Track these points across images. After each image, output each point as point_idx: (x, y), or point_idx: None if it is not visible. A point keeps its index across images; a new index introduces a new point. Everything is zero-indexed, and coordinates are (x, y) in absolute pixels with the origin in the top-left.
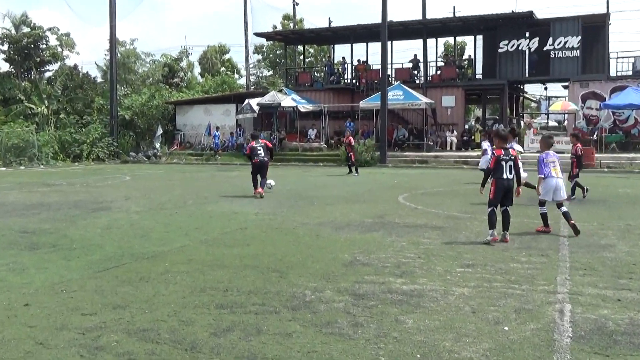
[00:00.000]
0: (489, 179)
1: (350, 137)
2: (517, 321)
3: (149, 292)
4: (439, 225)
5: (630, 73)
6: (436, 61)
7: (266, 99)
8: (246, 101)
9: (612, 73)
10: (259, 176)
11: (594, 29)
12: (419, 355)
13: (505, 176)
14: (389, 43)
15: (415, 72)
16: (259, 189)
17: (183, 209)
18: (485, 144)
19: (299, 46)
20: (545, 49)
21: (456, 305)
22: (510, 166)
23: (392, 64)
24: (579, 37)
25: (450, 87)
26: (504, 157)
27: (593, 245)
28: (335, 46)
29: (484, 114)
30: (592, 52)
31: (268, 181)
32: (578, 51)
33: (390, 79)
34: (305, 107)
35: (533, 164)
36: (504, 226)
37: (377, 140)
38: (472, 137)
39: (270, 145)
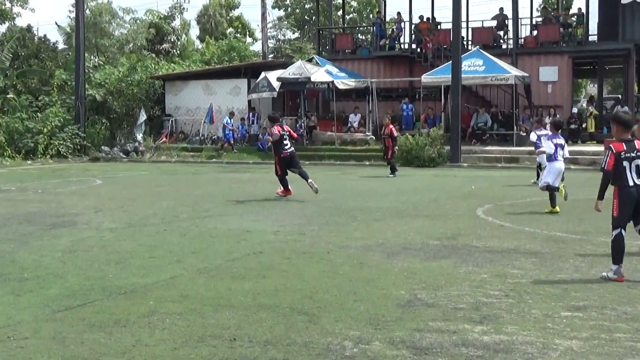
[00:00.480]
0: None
1: (391, 126)
2: None
3: (127, 341)
4: (535, 251)
5: None
6: (531, 18)
7: (290, 72)
8: (263, 75)
9: None
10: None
11: None
12: None
13: (632, 182)
14: None
15: (502, 33)
16: (291, 190)
17: (174, 226)
18: (535, 135)
19: None
20: None
21: None
22: (637, 166)
23: (467, 22)
24: None
25: (552, 53)
26: (628, 155)
27: None
28: None
29: (600, 93)
30: None
31: None
32: None
33: (465, 43)
34: (345, 82)
35: None
36: None
37: (446, 129)
38: (584, 125)
39: (296, 136)
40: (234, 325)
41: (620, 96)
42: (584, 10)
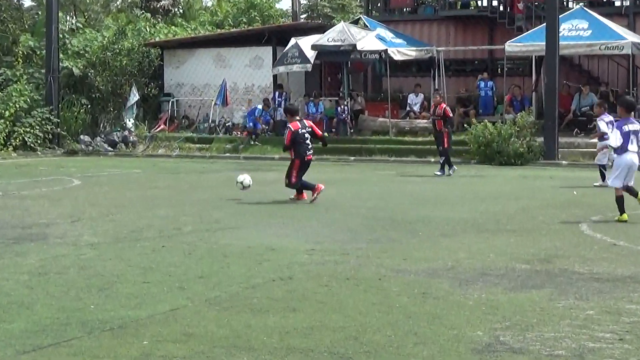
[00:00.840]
0: None
1: (444, 104)
2: None
3: None
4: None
5: None
6: None
7: (330, 38)
8: (293, 41)
9: None
10: None
11: None
12: None
13: None
14: None
15: None
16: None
17: (175, 241)
18: (604, 123)
19: None
20: None
21: None
22: None
23: None
24: None
25: None
26: None
27: None
28: None
29: None
30: None
31: (240, 177)
32: None
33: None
34: (402, 52)
35: None
36: None
37: (538, 115)
38: None
39: (319, 132)
40: None
41: None
42: None
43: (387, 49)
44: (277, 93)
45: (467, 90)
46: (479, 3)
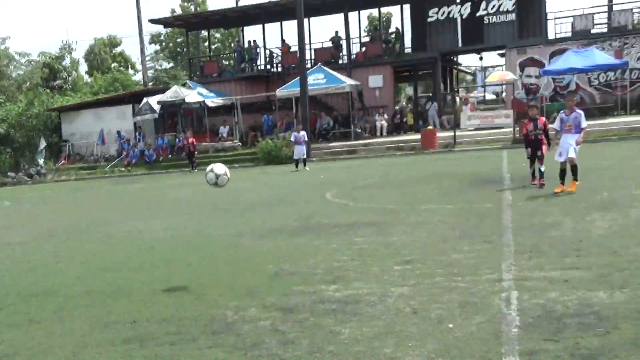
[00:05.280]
0: None
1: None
2: (461, 317)
3: (40, 335)
4: (372, 221)
5: (569, 35)
6: (360, 37)
7: (168, 96)
8: (144, 100)
9: (551, 36)
10: None
11: None
12: None
13: None
14: (305, 20)
15: (337, 51)
16: None
17: (77, 234)
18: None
19: (202, 32)
20: (478, 14)
21: (396, 308)
22: None
23: (310, 44)
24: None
25: (377, 65)
26: None
27: (538, 224)
28: (245, 29)
29: (415, 93)
30: (528, 14)
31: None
32: (513, 15)
33: (309, 61)
34: (214, 101)
35: (469, 143)
36: None
37: None
38: (404, 120)
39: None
40: (134, 310)
41: (431, 94)
42: (400, 29)
43: (204, 100)
44: (137, 133)
45: (256, 121)
46: (259, 67)
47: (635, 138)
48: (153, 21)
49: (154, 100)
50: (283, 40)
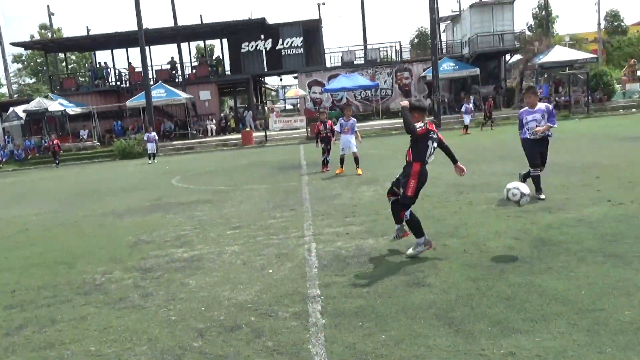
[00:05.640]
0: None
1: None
2: (278, 264)
3: None
4: (209, 199)
5: (340, 64)
6: (191, 62)
7: (32, 106)
8: (11, 109)
9: (328, 65)
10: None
11: (312, 31)
12: (203, 308)
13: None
14: (147, 48)
15: (174, 72)
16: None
17: None
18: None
19: (60, 54)
20: (277, 48)
21: (230, 261)
22: (434, 147)
23: (152, 66)
24: (302, 38)
25: (205, 83)
26: (432, 136)
27: (327, 196)
28: (97, 52)
29: (235, 104)
30: (312, 49)
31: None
32: (302, 49)
33: (152, 79)
34: (74, 110)
35: (277, 140)
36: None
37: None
38: (228, 123)
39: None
40: (13, 282)
41: (247, 105)
42: (221, 56)
43: (65, 109)
44: (5, 137)
45: (111, 126)
46: (111, 83)
47: (386, 135)
48: (14, 44)
49: (19, 109)
50: (129, 63)
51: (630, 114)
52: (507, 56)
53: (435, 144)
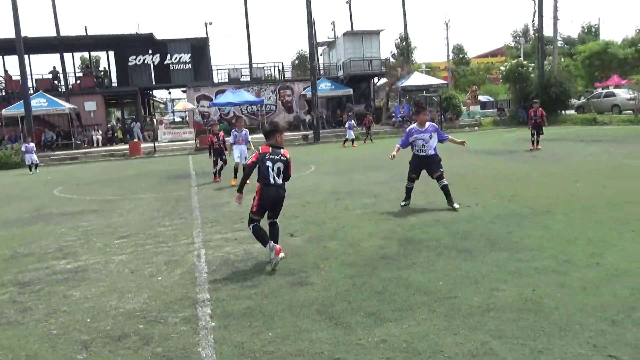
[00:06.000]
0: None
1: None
2: (167, 271)
3: None
4: (95, 209)
5: (227, 80)
6: (75, 72)
7: None
8: None
9: (215, 80)
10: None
11: (200, 48)
12: (89, 319)
13: (272, 181)
14: (26, 56)
15: (56, 82)
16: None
17: None
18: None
19: None
20: (165, 62)
21: (117, 270)
22: (279, 168)
23: (32, 75)
24: (190, 54)
25: (91, 94)
26: (272, 157)
27: (216, 204)
28: None
29: (122, 115)
30: (200, 65)
31: None
32: (190, 65)
33: (32, 88)
34: None
35: (166, 151)
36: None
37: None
38: (116, 134)
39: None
40: None
41: (134, 116)
42: (107, 68)
43: None
44: None
45: None
46: None
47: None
48: None
49: None
50: (6, 71)
51: (473, 131)
52: (375, 79)
53: (278, 164)
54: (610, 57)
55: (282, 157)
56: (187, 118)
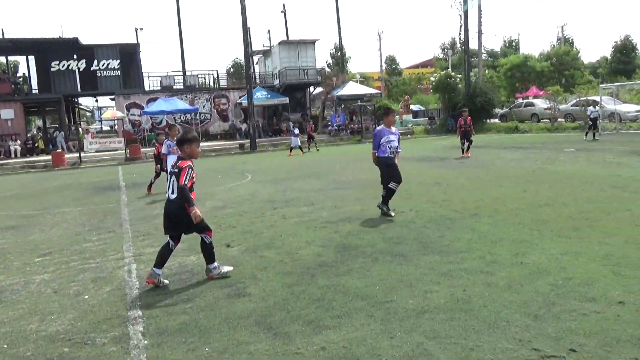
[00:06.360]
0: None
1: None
2: (95, 289)
3: None
4: (12, 226)
5: (159, 88)
6: None
7: None
8: None
9: (147, 88)
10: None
11: (129, 55)
12: (6, 345)
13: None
14: None
15: None
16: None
17: None
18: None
19: None
20: (92, 68)
21: (38, 291)
22: (173, 182)
23: None
24: (119, 60)
25: (8, 101)
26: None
27: (148, 216)
28: None
29: (44, 123)
30: (130, 72)
31: None
32: (119, 71)
33: None
34: None
35: (93, 161)
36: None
37: None
38: (36, 144)
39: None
40: None
41: (58, 125)
42: (27, 74)
43: None
44: None
45: None
46: None
47: (206, 156)
48: None
49: None
50: None
51: (406, 139)
52: (311, 88)
53: (173, 177)
54: (529, 69)
55: (175, 168)
56: (117, 127)
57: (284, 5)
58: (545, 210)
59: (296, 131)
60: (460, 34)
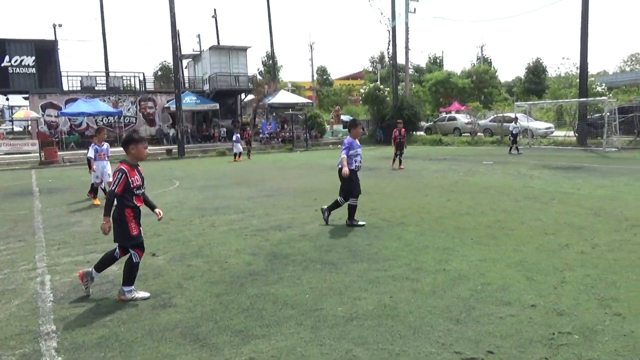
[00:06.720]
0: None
1: None
2: (2, 302)
3: None
4: None
5: (79, 88)
6: None
7: None
8: None
9: (65, 88)
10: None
11: (46, 52)
12: None
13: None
14: None
15: None
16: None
17: None
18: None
19: None
20: (3, 65)
21: None
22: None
23: None
24: (34, 57)
25: None
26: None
27: (64, 224)
28: None
29: None
30: (46, 70)
31: None
32: (34, 69)
33: None
34: None
35: (2, 165)
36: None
37: None
38: None
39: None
40: None
41: None
42: None
43: None
44: None
45: None
46: None
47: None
48: None
49: None
50: None
51: (337, 149)
52: (243, 95)
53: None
54: (452, 85)
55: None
56: (30, 128)
57: (215, 10)
58: (466, 219)
59: (236, 137)
60: (388, 48)
